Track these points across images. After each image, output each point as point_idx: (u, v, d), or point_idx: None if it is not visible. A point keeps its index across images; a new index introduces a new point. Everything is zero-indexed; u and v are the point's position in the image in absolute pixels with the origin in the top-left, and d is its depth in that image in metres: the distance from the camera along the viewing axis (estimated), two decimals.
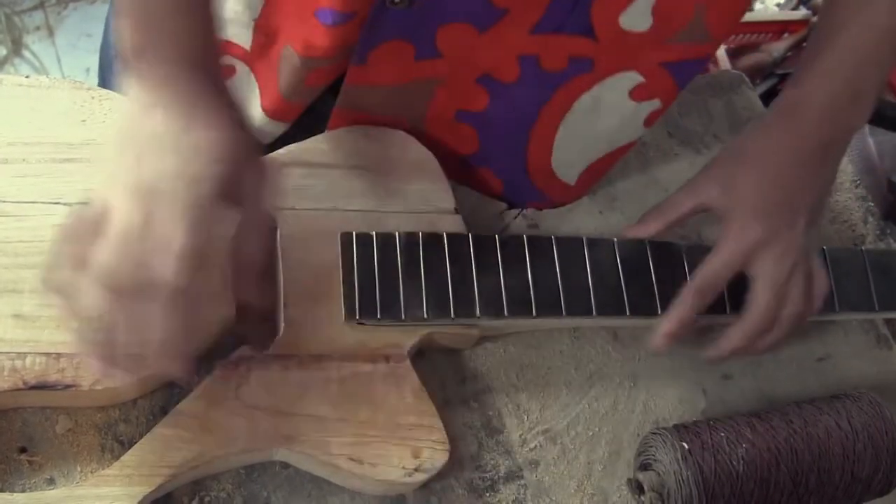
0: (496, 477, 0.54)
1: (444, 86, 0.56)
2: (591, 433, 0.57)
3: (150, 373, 0.45)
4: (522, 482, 0.54)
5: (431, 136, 0.59)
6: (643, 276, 0.56)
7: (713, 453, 0.51)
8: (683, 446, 0.51)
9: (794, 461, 0.52)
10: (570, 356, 0.59)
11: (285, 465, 0.51)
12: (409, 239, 0.54)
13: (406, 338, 0.53)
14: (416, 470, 0.49)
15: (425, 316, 0.52)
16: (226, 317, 0.50)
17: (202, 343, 0.49)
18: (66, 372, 0.47)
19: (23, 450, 0.48)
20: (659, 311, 0.55)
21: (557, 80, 0.55)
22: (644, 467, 0.53)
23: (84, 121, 0.54)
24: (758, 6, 1.89)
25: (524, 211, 0.64)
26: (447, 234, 0.54)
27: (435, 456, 0.50)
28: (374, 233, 0.53)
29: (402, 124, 0.58)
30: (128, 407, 0.50)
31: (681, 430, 0.53)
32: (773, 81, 1.61)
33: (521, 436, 0.56)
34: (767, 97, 1.56)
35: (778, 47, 1.59)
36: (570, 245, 0.56)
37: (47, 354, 0.47)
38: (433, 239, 0.54)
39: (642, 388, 0.59)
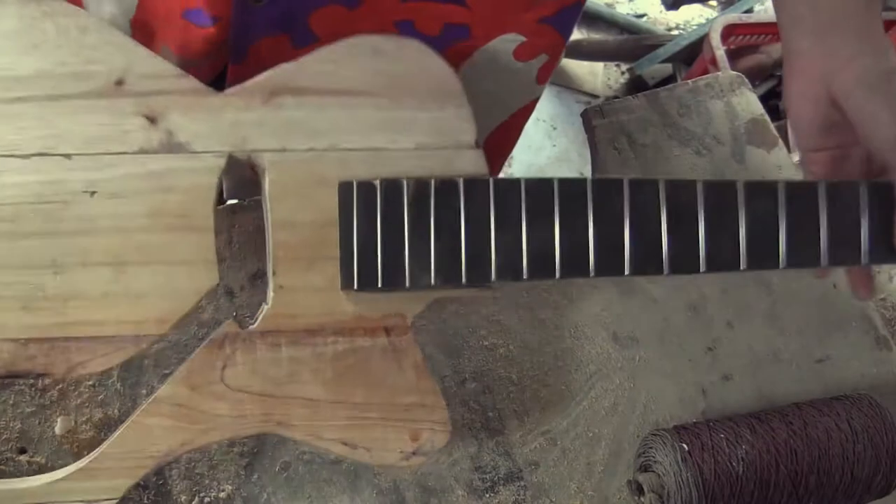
0: (496, 478, 0.54)
1: None
2: (590, 434, 0.57)
3: None
4: (522, 483, 0.54)
5: None
6: (688, 225, 0.46)
7: (713, 454, 0.51)
8: (683, 447, 0.51)
9: (794, 462, 0.52)
10: (571, 356, 0.59)
11: (285, 467, 0.51)
12: (419, 187, 0.46)
13: (410, 306, 0.47)
14: (413, 454, 0.47)
15: (432, 282, 0.45)
16: (208, 284, 0.45)
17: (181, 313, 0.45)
18: (37, 360, 0.44)
19: (22, 451, 0.48)
20: (701, 268, 0.46)
21: (437, 46, 0.54)
22: (644, 468, 0.53)
23: (36, 46, 0.44)
24: (757, 7, 1.89)
25: None
26: (464, 181, 0.46)
27: (435, 438, 0.47)
28: (377, 181, 0.45)
29: None
30: (127, 407, 0.50)
31: (681, 431, 0.53)
32: (773, 83, 1.61)
33: (520, 436, 0.56)
34: (767, 98, 1.56)
35: (777, 48, 1.59)
36: (608, 189, 0.46)
37: (14, 341, 0.44)
38: (447, 186, 0.46)
39: (642, 388, 0.59)
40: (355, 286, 0.45)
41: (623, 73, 1.88)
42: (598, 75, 1.88)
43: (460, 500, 0.53)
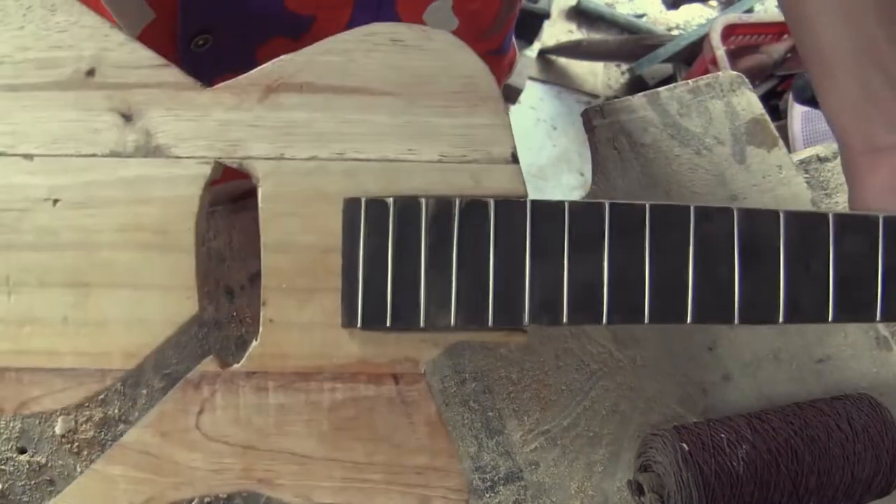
0: (496, 478, 0.54)
1: None
2: (591, 434, 0.57)
3: None
4: (522, 483, 0.54)
5: None
6: (766, 265, 0.38)
7: (713, 454, 0.51)
8: (683, 447, 0.51)
9: (795, 462, 0.52)
10: (571, 356, 0.59)
11: None
12: (441, 208, 0.38)
13: (425, 350, 0.40)
14: None
15: (452, 323, 0.38)
16: (185, 314, 0.39)
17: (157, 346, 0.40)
18: None
19: (22, 451, 0.48)
20: (780, 318, 0.39)
21: None
22: (644, 468, 0.53)
23: None
24: (757, 7, 1.89)
25: None
26: (496, 202, 0.38)
27: (448, 499, 0.39)
28: (390, 199, 0.38)
29: None
30: (127, 407, 0.50)
31: (681, 431, 0.53)
32: (773, 83, 1.61)
33: (521, 436, 0.56)
34: (767, 98, 1.57)
35: (777, 49, 1.59)
36: (670, 217, 0.39)
37: None
38: (475, 208, 0.38)
39: (642, 388, 0.59)
40: (359, 324, 0.39)
41: (623, 73, 1.89)
42: (599, 75, 1.88)
43: None
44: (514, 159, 0.40)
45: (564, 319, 0.38)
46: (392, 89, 0.40)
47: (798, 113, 1.42)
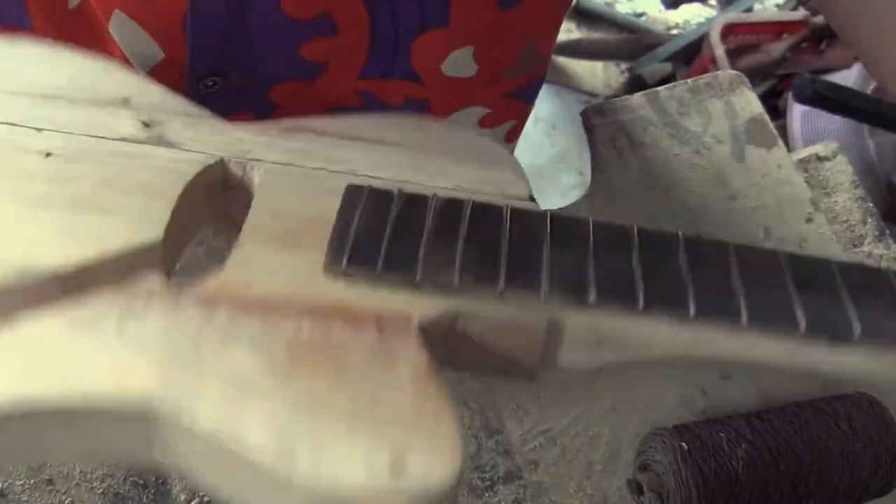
0: (495, 477, 0.54)
1: None
2: (590, 433, 0.57)
3: None
4: (522, 482, 0.54)
5: None
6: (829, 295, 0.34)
7: (713, 454, 0.51)
8: (683, 447, 0.51)
9: (794, 462, 0.52)
10: None
11: None
12: (450, 206, 0.35)
13: (420, 305, 0.32)
14: (394, 477, 0.26)
15: (456, 281, 0.32)
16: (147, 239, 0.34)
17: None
18: None
19: None
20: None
21: None
22: (643, 468, 0.53)
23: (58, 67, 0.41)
24: (757, 6, 1.89)
25: None
26: (511, 207, 0.35)
27: (432, 467, 0.27)
28: (395, 189, 0.36)
29: None
30: None
31: (680, 430, 0.53)
32: (773, 82, 1.61)
33: (520, 436, 0.56)
34: (767, 97, 1.57)
35: (777, 48, 1.59)
36: (707, 253, 0.35)
37: None
38: (488, 212, 0.35)
39: (642, 388, 0.59)
40: (344, 264, 0.33)
41: (623, 72, 1.89)
42: (598, 74, 1.89)
43: (460, 499, 0.53)
44: (532, 200, 0.38)
45: (590, 299, 0.32)
46: (411, 145, 0.39)
47: (797, 112, 1.42)
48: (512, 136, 0.58)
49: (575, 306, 0.32)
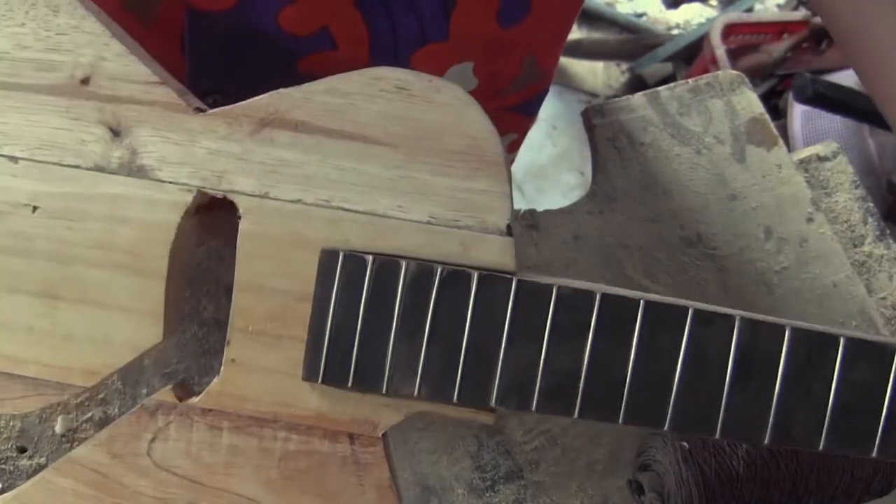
0: (496, 477, 0.54)
1: None
2: (591, 433, 0.57)
3: None
4: (523, 482, 0.54)
5: None
6: (762, 386, 0.36)
7: (713, 453, 0.51)
8: (684, 446, 0.51)
9: (794, 461, 0.52)
10: None
11: None
12: (421, 274, 0.37)
13: (385, 415, 0.39)
14: None
15: (416, 392, 0.37)
16: (149, 341, 0.39)
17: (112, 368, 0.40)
18: None
19: (22, 450, 0.48)
20: (766, 439, 0.36)
21: None
22: (644, 468, 0.53)
23: None
24: (757, 6, 1.89)
25: (521, 211, 0.64)
26: (479, 275, 0.37)
27: None
28: (370, 256, 0.37)
29: None
30: (127, 406, 0.50)
31: None
32: (773, 82, 1.61)
33: (521, 436, 0.56)
34: (767, 97, 1.57)
35: (778, 48, 1.59)
36: (665, 317, 0.36)
37: None
38: (457, 278, 0.37)
39: None
40: (320, 378, 0.38)
41: (623, 72, 1.89)
42: (599, 74, 1.89)
43: (460, 499, 0.53)
44: (509, 232, 0.38)
45: (534, 406, 0.37)
46: (390, 140, 0.38)
47: (798, 112, 1.42)
48: (512, 149, 0.59)
49: (519, 410, 0.37)
